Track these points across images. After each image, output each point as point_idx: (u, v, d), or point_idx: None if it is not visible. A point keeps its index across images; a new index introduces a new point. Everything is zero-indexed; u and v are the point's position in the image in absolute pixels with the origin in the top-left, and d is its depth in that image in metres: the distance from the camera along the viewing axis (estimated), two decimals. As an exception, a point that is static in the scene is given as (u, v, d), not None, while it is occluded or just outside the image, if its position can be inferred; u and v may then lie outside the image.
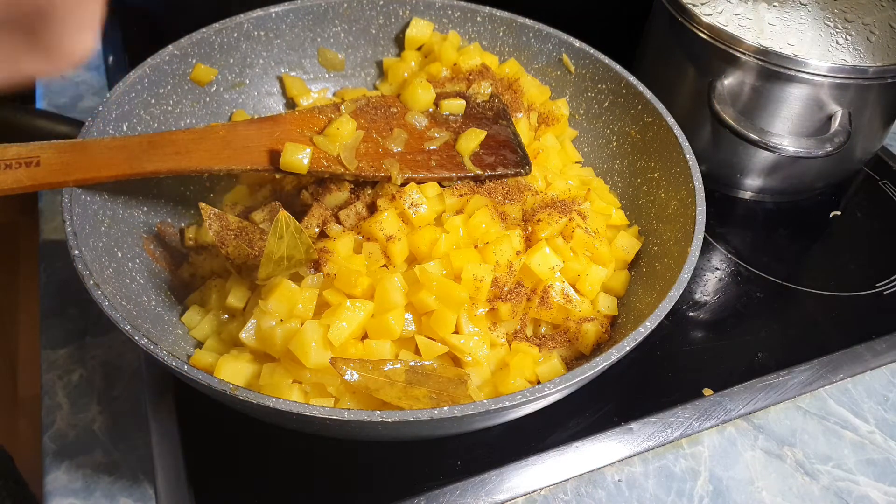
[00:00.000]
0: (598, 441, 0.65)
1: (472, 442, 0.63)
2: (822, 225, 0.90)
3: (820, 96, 0.78)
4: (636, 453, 0.65)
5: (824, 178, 0.91)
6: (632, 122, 0.77)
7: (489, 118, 0.75)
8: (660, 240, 0.69)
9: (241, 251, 0.61)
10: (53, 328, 0.72)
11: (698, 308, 0.78)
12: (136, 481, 0.61)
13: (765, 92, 0.79)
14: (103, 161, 0.59)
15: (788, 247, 0.87)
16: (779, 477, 0.66)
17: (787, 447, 0.68)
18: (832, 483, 0.66)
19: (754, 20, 0.84)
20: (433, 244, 0.62)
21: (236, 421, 0.56)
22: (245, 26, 0.77)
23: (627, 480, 0.64)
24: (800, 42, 0.82)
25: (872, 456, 0.68)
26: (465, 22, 0.84)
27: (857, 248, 0.87)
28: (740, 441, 0.68)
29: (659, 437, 0.66)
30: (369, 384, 0.53)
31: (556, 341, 0.64)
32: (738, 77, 0.80)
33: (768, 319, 0.77)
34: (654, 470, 0.65)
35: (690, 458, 0.66)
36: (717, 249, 0.85)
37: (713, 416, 0.68)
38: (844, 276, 0.83)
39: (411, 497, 0.59)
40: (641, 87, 0.75)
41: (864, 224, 0.90)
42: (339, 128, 0.67)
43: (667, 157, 0.71)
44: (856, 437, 0.70)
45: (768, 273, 0.82)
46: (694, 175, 0.66)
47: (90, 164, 0.58)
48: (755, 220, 0.89)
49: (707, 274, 0.82)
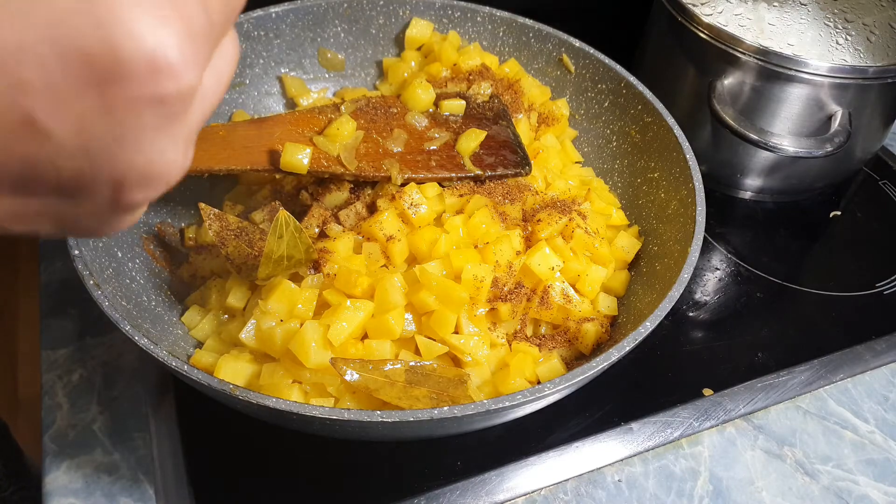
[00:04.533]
0: (598, 441, 0.65)
1: (472, 442, 0.63)
2: (822, 225, 0.90)
3: (820, 96, 0.78)
4: (636, 453, 0.65)
5: (824, 178, 0.91)
6: (632, 122, 0.77)
7: (489, 118, 0.75)
8: (660, 240, 0.69)
9: (241, 251, 0.61)
10: (53, 328, 0.72)
11: (698, 308, 0.78)
12: (136, 481, 0.61)
13: (765, 92, 0.79)
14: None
15: (788, 247, 0.86)
16: (779, 477, 0.66)
17: (787, 447, 0.68)
18: (832, 483, 0.66)
19: (754, 20, 0.84)
20: (433, 244, 0.62)
21: (236, 421, 0.56)
22: (245, 26, 0.77)
23: (627, 480, 0.64)
24: (800, 42, 0.82)
25: (872, 456, 0.68)
26: (465, 22, 0.84)
27: (857, 248, 0.87)
28: (740, 441, 0.68)
29: (659, 437, 0.66)
30: (369, 384, 0.53)
31: (556, 341, 0.64)
32: (738, 77, 0.80)
33: (768, 319, 0.77)
34: (654, 470, 0.65)
35: (690, 458, 0.66)
36: (717, 249, 0.85)
37: (713, 416, 0.68)
38: (844, 276, 0.83)
39: (411, 497, 0.59)
40: (641, 87, 0.75)
41: (864, 224, 0.90)
42: (339, 128, 0.67)
43: (667, 157, 0.71)
44: (856, 437, 0.70)
45: (768, 273, 0.82)
46: (694, 175, 0.66)
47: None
48: (755, 220, 0.89)
49: (707, 274, 0.82)
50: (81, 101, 0.21)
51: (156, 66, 0.22)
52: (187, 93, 0.23)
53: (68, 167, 0.23)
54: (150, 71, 0.22)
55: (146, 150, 0.23)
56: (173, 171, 0.25)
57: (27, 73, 0.21)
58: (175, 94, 0.22)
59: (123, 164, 0.23)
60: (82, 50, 0.21)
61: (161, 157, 0.24)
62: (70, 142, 0.22)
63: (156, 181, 0.24)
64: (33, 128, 0.21)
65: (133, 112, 0.22)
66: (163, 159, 0.24)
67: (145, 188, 0.24)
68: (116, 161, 0.23)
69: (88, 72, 0.21)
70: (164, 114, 0.23)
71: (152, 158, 0.23)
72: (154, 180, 0.24)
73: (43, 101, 0.21)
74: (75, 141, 0.22)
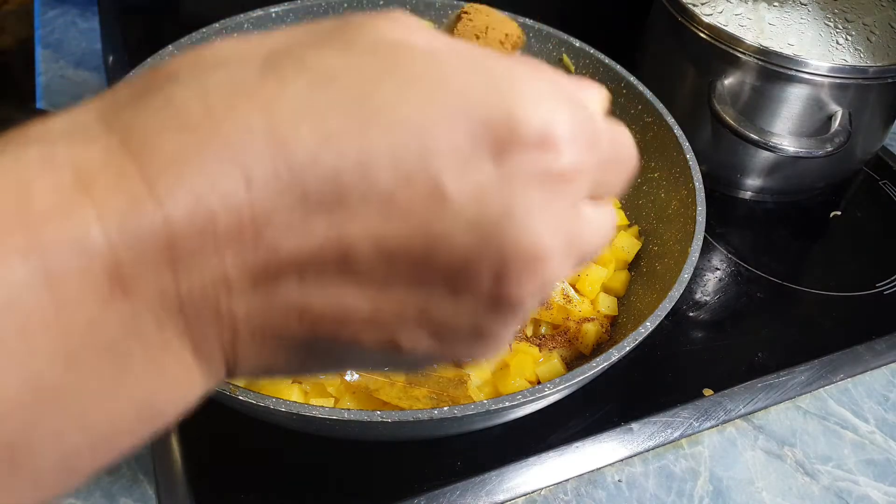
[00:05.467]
0: (598, 441, 0.65)
1: (472, 442, 0.63)
2: (823, 225, 0.90)
3: (820, 96, 0.78)
4: (636, 453, 0.65)
5: (824, 178, 0.91)
6: (632, 122, 0.77)
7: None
8: (660, 240, 0.69)
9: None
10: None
11: (698, 308, 0.78)
12: (136, 481, 0.61)
13: (765, 92, 0.79)
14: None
15: (789, 247, 0.86)
16: (779, 477, 0.66)
17: (788, 447, 0.68)
18: (832, 483, 0.66)
19: (754, 20, 0.84)
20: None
21: (236, 421, 0.56)
22: (245, 26, 0.77)
23: (627, 480, 0.64)
24: (800, 42, 0.82)
25: (873, 456, 0.68)
26: (465, 22, 0.84)
27: (858, 247, 0.87)
28: (740, 441, 0.68)
29: (659, 437, 0.66)
30: (369, 384, 0.53)
31: (556, 341, 0.64)
32: (738, 77, 0.80)
33: (768, 319, 0.77)
34: (655, 470, 0.65)
35: (690, 458, 0.66)
36: (717, 249, 0.85)
37: (713, 416, 0.68)
38: (844, 275, 0.83)
39: (411, 497, 0.59)
40: (641, 87, 0.75)
41: (864, 224, 0.90)
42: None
43: (667, 157, 0.71)
44: (856, 437, 0.70)
45: (768, 273, 0.82)
46: (694, 175, 0.66)
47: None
48: (755, 220, 0.89)
49: (707, 274, 0.82)
50: (480, 168, 0.22)
51: (546, 138, 0.22)
52: (571, 171, 0.23)
53: (461, 244, 0.22)
54: (540, 142, 0.22)
55: (530, 227, 0.22)
56: (553, 262, 0.23)
57: (438, 139, 0.21)
58: (559, 169, 0.23)
59: (510, 242, 0.22)
60: (484, 118, 0.22)
61: (543, 239, 0.23)
62: (467, 212, 0.22)
63: (537, 268, 0.23)
64: (438, 193, 0.21)
65: (522, 182, 0.22)
66: (544, 242, 0.23)
67: (526, 277, 0.23)
68: (504, 237, 0.22)
69: (488, 138, 0.22)
70: (548, 189, 0.23)
71: (535, 239, 0.22)
72: (535, 266, 0.23)
73: (449, 165, 0.21)
74: (471, 211, 0.22)
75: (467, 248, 0.22)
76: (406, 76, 0.22)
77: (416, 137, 0.21)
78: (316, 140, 0.20)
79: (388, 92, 0.21)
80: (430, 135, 0.21)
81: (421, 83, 0.22)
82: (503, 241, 0.22)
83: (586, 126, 0.24)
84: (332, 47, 0.23)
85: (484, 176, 0.22)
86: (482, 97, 0.22)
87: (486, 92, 0.22)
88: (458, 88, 0.22)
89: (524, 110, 0.22)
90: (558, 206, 0.23)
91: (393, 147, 0.21)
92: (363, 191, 0.21)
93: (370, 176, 0.21)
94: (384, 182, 0.21)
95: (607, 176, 0.26)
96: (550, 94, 0.23)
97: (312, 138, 0.20)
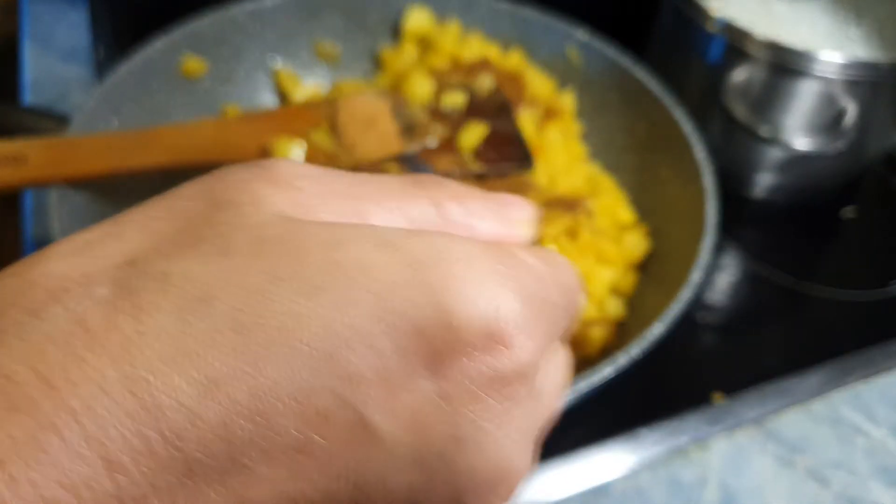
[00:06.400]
0: (604, 448, 0.63)
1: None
2: (835, 224, 0.89)
3: (832, 92, 0.77)
4: (643, 459, 0.64)
5: (836, 176, 0.90)
6: (640, 118, 0.76)
7: (491, 112, 0.73)
8: (669, 239, 0.68)
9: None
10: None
11: (707, 310, 0.77)
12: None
13: (776, 87, 0.78)
14: (92, 157, 0.57)
15: (800, 246, 0.85)
16: (789, 484, 0.65)
17: (798, 453, 0.67)
18: (844, 490, 0.65)
19: (765, 14, 0.83)
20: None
21: None
22: (238, 18, 0.75)
23: (634, 487, 0.63)
24: (812, 37, 0.81)
25: (885, 462, 0.67)
26: (466, 12, 0.82)
27: (870, 247, 0.86)
28: (750, 447, 0.67)
29: (667, 443, 0.65)
30: None
31: (561, 344, 0.63)
32: (748, 72, 0.79)
33: (779, 321, 0.76)
34: (662, 477, 0.64)
35: (699, 465, 0.65)
36: (728, 249, 0.83)
37: (722, 422, 0.67)
38: (856, 275, 0.82)
39: None
40: (650, 82, 0.74)
41: (876, 223, 0.89)
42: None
43: (676, 154, 0.70)
44: (868, 443, 0.68)
45: (780, 273, 0.81)
46: (705, 172, 0.65)
47: (79, 161, 0.56)
48: (766, 219, 0.88)
49: (717, 274, 0.81)
50: (415, 388, 0.18)
51: (493, 334, 0.19)
52: (527, 365, 0.20)
53: (401, 486, 0.18)
54: (487, 341, 0.19)
55: (487, 449, 0.19)
56: (521, 474, 0.21)
57: (357, 360, 0.17)
58: (513, 368, 0.19)
59: (463, 471, 0.19)
60: (413, 321, 0.18)
61: (503, 460, 0.20)
62: (403, 447, 0.18)
63: (500, 490, 0.20)
64: (363, 430, 0.18)
65: (470, 397, 0.19)
66: (506, 462, 0.20)
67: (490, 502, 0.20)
68: (455, 468, 0.19)
69: (421, 348, 0.18)
70: (504, 396, 0.19)
71: (495, 462, 0.20)
72: (499, 489, 0.20)
73: (373, 392, 0.18)
74: (409, 444, 0.18)
75: (409, 489, 0.18)
76: (303, 280, 0.18)
77: (327, 364, 0.17)
78: (195, 392, 0.16)
79: (282, 308, 0.17)
80: (345, 358, 0.17)
81: (324, 288, 0.17)
82: (454, 474, 0.19)
83: (532, 289, 0.20)
84: (200, 248, 0.18)
85: (420, 397, 0.18)
86: (406, 295, 0.18)
87: (408, 286, 0.18)
88: (373, 287, 0.18)
89: (463, 304, 0.18)
90: (517, 412, 0.20)
91: (297, 383, 0.17)
92: (264, 446, 0.17)
93: (272, 425, 0.16)
94: (291, 430, 0.17)
95: (559, 326, 0.22)
96: (489, 268, 0.19)
97: (190, 390, 0.16)
